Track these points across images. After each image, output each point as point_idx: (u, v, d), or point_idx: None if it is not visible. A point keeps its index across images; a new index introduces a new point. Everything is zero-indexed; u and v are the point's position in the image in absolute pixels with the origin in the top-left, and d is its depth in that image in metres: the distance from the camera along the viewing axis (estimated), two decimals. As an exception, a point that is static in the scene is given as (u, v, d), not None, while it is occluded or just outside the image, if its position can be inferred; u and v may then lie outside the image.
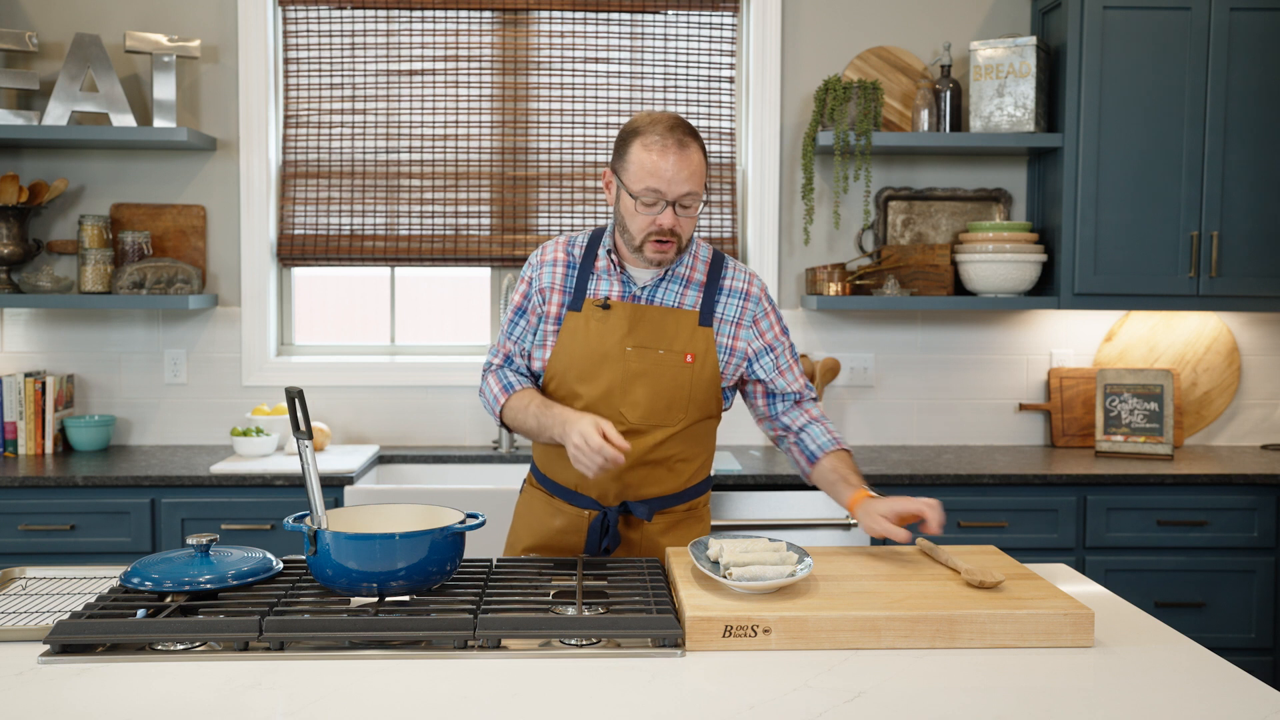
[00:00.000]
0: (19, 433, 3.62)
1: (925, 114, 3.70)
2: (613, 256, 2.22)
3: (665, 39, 3.86)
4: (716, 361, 2.23)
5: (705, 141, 3.81)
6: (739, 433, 3.90)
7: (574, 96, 3.85)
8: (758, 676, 1.60)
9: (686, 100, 3.87)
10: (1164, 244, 3.60)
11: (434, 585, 1.85)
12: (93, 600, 1.87)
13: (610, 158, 2.23)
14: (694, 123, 3.86)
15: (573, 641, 1.70)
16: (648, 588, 1.88)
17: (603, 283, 2.23)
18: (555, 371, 2.24)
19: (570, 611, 1.78)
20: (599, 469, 2.03)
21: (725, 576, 1.84)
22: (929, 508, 2.04)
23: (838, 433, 2.31)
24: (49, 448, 3.64)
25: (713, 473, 3.26)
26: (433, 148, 3.84)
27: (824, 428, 2.30)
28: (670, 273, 2.23)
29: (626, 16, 3.85)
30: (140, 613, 1.75)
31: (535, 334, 2.27)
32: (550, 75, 3.85)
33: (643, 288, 2.23)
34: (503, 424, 2.30)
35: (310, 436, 1.82)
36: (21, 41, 3.59)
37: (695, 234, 2.29)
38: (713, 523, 3.29)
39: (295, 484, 3.26)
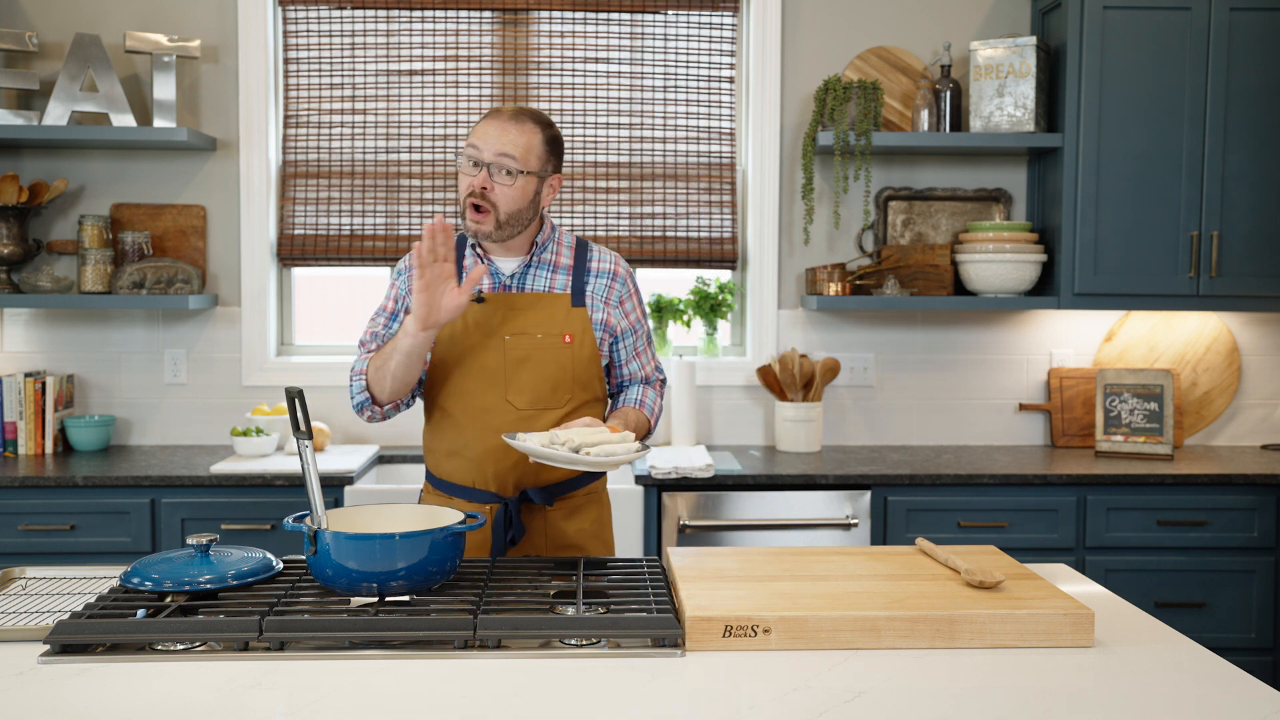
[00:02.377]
0: (19, 433, 3.62)
1: (925, 114, 3.70)
2: (477, 251, 2.28)
3: (665, 39, 3.86)
4: (594, 339, 2.29)
5: (703, 142, 3.85)
6: (739, 432, 3.90)
7: (574, 96, 3.85)
8: (758, 676, 1.60)
9: (686, 100, 3.87)
10: (1164, 244, 3.60)
11: (434, 585, 1.85)
12: (93, 600, 1.87)
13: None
14: (693, 122, 3.86)
15: (573, 641, 1.70)
16: (648, 588, 1.89)
17: None
18: (439, 369, 2.28)
19: (570, 611, 1.78)
20: (428, 253, 2.06)
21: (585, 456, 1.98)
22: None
23: (655, 407, 2.38)
24: (49, 448, 3.64)
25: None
26: (433, 148, 3.84)
27: (644, 393, 2.39)
28: (536, 259, 2.29)
29: (626, 16, 3.85)
30: (140, 613, 1.75)
31: None
32: (550, 75, 3.85)
33: (511, 275, 2.28)
34: (374, 400, 2.26)
35: (310, 436, 1.82)
36: (21, 41, 3.59)
37: (555, 223, 2.36)
38: (714, 522, 3.29)
39: (295, 484, 3.26)
